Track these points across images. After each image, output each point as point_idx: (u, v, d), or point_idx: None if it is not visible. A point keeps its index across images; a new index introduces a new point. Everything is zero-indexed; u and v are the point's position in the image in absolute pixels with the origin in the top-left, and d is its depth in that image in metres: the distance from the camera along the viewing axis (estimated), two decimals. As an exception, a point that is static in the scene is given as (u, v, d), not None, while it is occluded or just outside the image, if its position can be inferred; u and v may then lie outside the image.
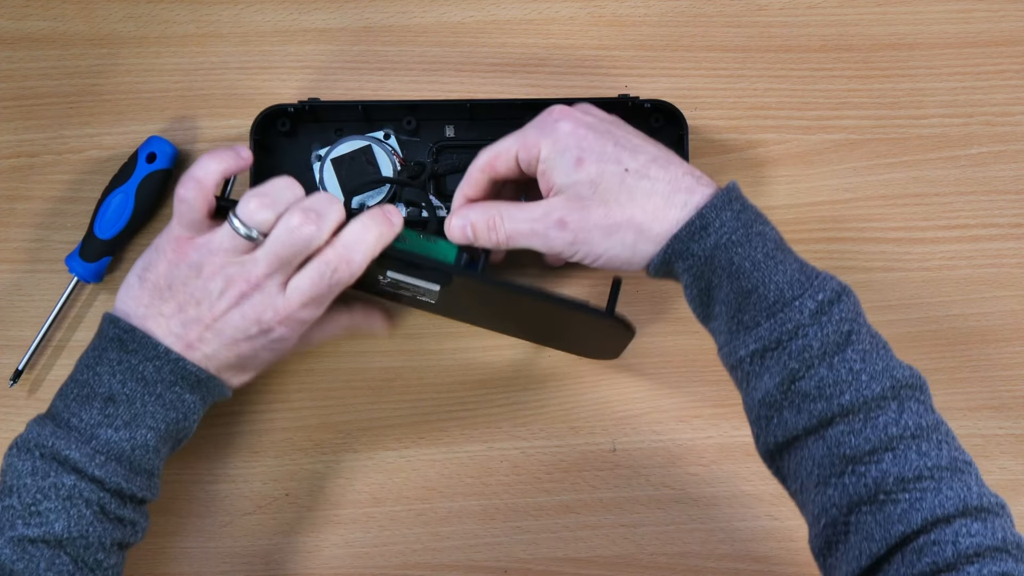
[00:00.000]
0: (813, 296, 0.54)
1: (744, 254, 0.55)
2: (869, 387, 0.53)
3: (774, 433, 0.56)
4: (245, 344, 0.59)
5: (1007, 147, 0.73)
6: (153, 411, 0.58)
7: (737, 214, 0.55)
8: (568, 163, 0.56)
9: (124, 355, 0.58)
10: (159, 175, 0.70)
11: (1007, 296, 0.72)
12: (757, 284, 0.55)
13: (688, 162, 0.68)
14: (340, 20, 0.75)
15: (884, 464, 0.52)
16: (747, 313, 0.55)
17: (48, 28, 0.75)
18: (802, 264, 0.56)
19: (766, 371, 0.55)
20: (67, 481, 0.55)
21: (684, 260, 0.56)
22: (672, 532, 0.70)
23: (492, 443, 0.71)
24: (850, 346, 0.54)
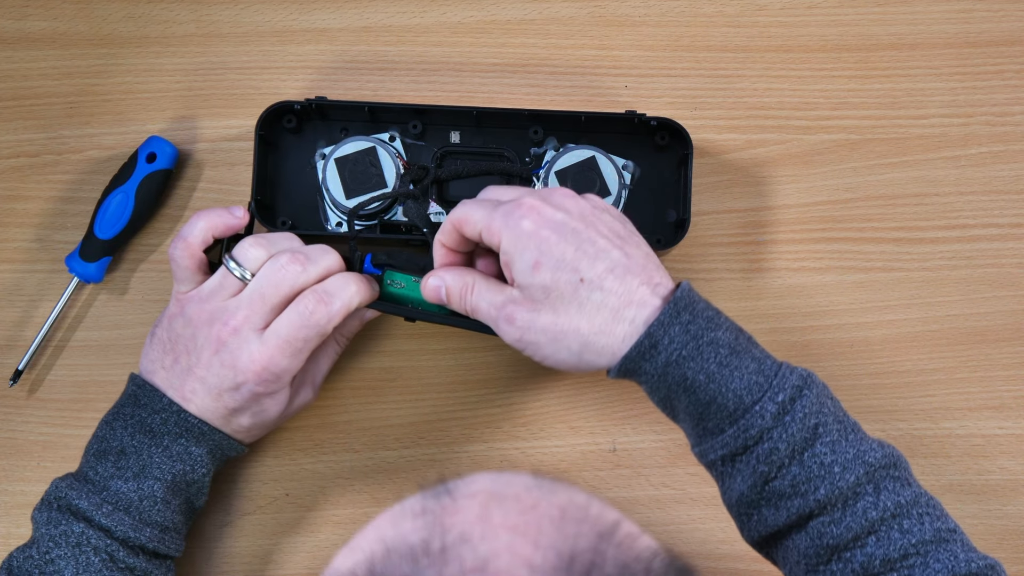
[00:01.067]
0: (772, 398, 0.54)
1: (697, 367, 0.54)
2: (843, 478, 0.54)
3: (756, 529, 0.57)
4: (228, 397, 0.60)
5: (1007, 147, 0.73)
6: (160, 463, 0.59)
7: (686, 326, 0.54)
8: (526, 264, 0.55)
9: (136, 409, 0.60)
10: (159, 175, 0.70)
11: (1007, 296, 0.72)
12: (715, 395, 0.55)
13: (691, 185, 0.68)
14: (340, 20, 0.75)
15: (869, 548, 0.53)
16: (710, 421, 0.56)
17: (48, 28, 0.75)
18: (760, 363, 0.56)
19: (738, 473, 0.56)
20: (76, 529, 0.57)
21: (638, 377, 0.57)
22: (672, 532, 0.70)
23: (492, 443, 0.71)
24: (818, 440, 0.54)
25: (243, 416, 0.62)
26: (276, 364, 0.59)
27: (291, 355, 0.59)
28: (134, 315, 0.72)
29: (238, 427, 0.62)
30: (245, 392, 0.60)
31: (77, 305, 0.72)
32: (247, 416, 0.62)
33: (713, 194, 0.73)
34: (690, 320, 0.55)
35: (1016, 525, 0.70)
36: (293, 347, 0.59)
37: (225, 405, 0.60)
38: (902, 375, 0.71)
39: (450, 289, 0.60)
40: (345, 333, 0.67)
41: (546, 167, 0.68)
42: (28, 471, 0.71)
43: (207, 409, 0.60)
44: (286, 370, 0.60)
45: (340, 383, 0.72)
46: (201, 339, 0.60)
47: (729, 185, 0.73)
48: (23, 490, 0.71)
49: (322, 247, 0.62)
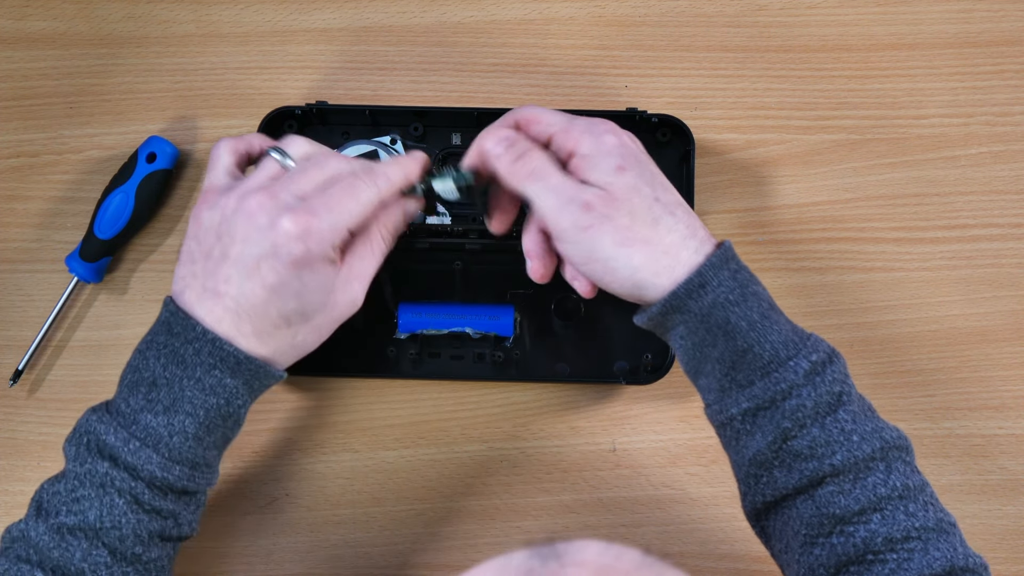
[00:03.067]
0: (807, 357, 0.55)
1: (740, 313, 0.55)
2: (860, 448, 0.54)
3: (763, 492, 0.56)
4: (267, 268, 0.54)
5: (1007, 147, 0.73)
6: (192, 396, 0.55)
7: (734, 274, 0.56)
8: (610, 166, 0.56)
9: (169, 338, 0.56)
10: (159, 175, 0.70)
11: (1007, 296, 0.72)
12: (752, 343, 0.55)
13: (693, 182, 0.69)
14: (340, 20, 0.75)
15: (873, 524, 0.53)
16: (741, 372, 0.56)
17: (48, 28, 0.75)
18: (794, 325, 0.57)
19: (758, 430, 0.56)
20: (101, 468, 0.54)
21: (681, 314, 0.56)
22: (672, 532, 0.70)
23: (492, 443, 0.71)
24: (841, 407, 0.55)
25: (285, 300, 0.55)
26: (318, 222, 0.54)
27: (333, 218, 0.54)
28: (134, 315, 0.72)
29: (279, 320, 0.55)
30: (284, 255, 0.53)
31: (77, 305, 0.72)
32: (290, 300, 0.55)
33: (713, 194, 0.73)
34: (737, 269, 0.56)
35: (1016, 525, 0.70)
36: (337, 210, 0.54)
37: (263, 282, 0.54)
38: (902, 375, 0.71)
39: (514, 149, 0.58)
40: (390, 227, 0.60)
41: None
42: (28, 471, 0.71)
43: (244, 295, 0.54)
44: (327, 233, 0.54)
45: (340, 383, 0.72)
46: (233, 213, 0.54)
47: (729, 185, 0.73)
48: (23, 490, 0.71)
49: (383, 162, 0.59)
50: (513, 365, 0.70)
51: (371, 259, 0.58)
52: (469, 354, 0.71)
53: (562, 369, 0.71)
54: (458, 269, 0.70)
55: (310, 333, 0.57)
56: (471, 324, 0.69)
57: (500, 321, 0.69)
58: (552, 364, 0.71)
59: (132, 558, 0.55)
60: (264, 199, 0.54)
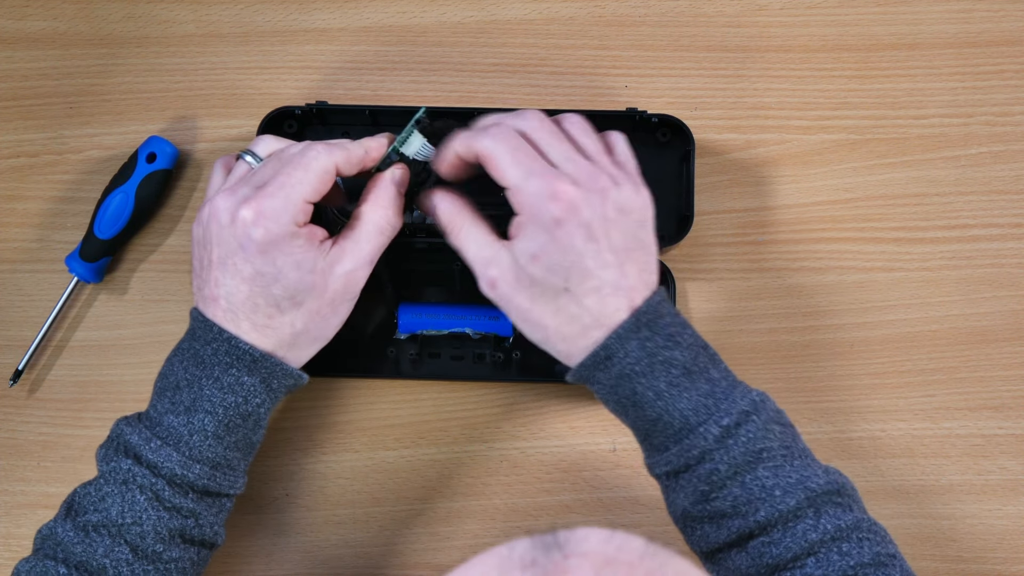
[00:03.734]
0: (718, 422, 0.55)
1: (647, 384, 0.55)
2: (784, 501, 0.54)
3: (698, 544, 0.58)
4: (240, 260, 0.55)
5: (1007, 147, 0.73)
6: (210, 395, 0.56)
7: (643, 343, 0.55)
8: (527, 249, 0.55)
9: (192, 343, 0.58)
10: (159, 175, 0.70)
11: (1007, 296, 0.72)
12: (661, 413, 0.56)
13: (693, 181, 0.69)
14: (340, 20, 0.75)
15: (808, 568, 0.54)
16: (656, 437, 0.57)
17: (48, 28, 0.75)
18: (713, 385, 0.56)
19: (681, 489, 0.57)
20: (124, 466, 0.56)
21: (592, 385, 0.58)
22: (672, 532, 0.70)
23: (492, 443, 0.71)
24: (761, 464, 0.55)
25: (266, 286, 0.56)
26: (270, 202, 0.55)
27: (285, 192, 0.55)
28: (134, 315, 0.72)
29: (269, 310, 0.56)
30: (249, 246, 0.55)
31: (77, 305, 0.72)
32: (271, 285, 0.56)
33: (713, 194, 0.73)
34: (648, 337, 0.55)
35: (1016, 525, 0.70)
36: (288, 184, 0.55)
37: (241, 275, 0.55)
38: (902, 375, 0.71)
39: (442, 215, 0.60)
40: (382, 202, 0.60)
41: None
42: (28, 471, 0.71)
43: (232, 294, 0.56)
44: (283, 210, 0.55)
45: (340, 383, 0.72)
46: (209, 224, 0.56)
47: (729, 185, 0.73)
48: (23, 490, 0.71)
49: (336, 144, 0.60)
50: (513, 365, 0.70)
51: (365, 239, 0.59)
52: (469, 354, 0.71)
53: (562, 369, 0.71)
54: (458, 269, 0.70)
55: (308, 319, 0.58)
56: (471, 324, 0.69)
57: (500, 321, 0.69)
58: (552, 364, 0.71)
59: (153, 556, 0.56)
60: (225, 198, 0.56)
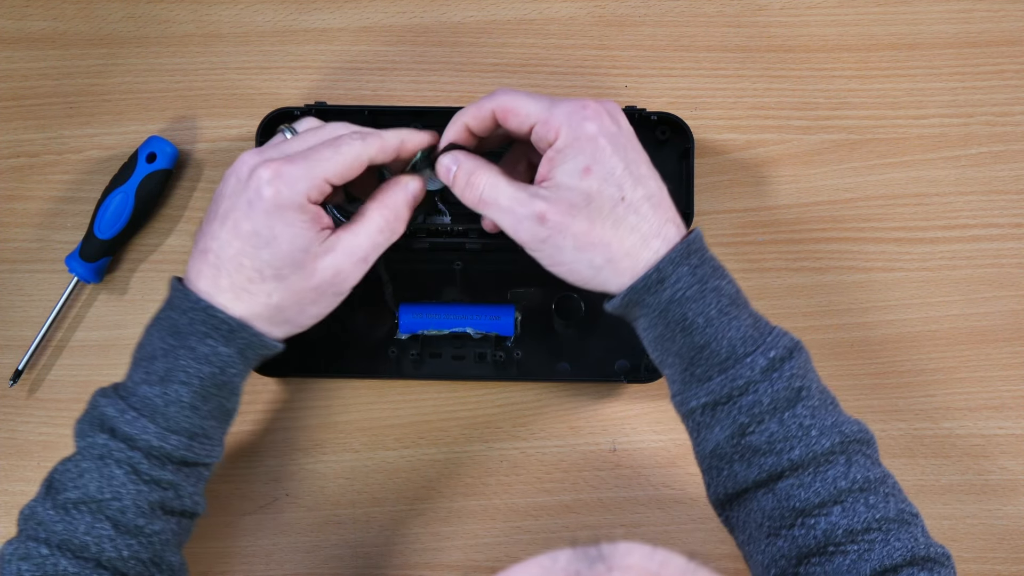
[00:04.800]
0: (765, 353, 0.55)
1: (698, 310, 0.55)
2: (819, 442, 0.54)
3: (724, 484, 0.57)
4: (242, 217, 0.54)
5: (1007, 147, 0.73)
6: (186, 365, 0.55)
7: (694, 269, 0.55)
8: (576, 167, 0.55)
9: (169, 312, 0.57)
10: (159, 175, 0.70)
11: (1007, 296, 0.72)
12: (710, 340, 0.55)
13: (693, 180, 0.69)
14: (340, 20, 0.75)
15: (833, 516, 0.54)
16: (699, 366, 0.56)
17: (48, 28, 0.75)
18: (756, 320, 0.57)
19: (717, 424, 0.56)
20: (100, 441, 0.55)
21: (640, 308, 0.57)
22: (672, 532, 0.70)
23: (492, 443, 0.71)
24: (800, 402, 0.55)
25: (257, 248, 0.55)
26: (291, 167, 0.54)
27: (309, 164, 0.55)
28: (134, 315, 0.72)
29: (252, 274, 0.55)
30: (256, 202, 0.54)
31: (77, 305, 0.72)
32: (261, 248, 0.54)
33: (713, 194, 0.73)
34: (698, 264, 0.56)
35: (1016, 525, 0.70)
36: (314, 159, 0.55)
37: (238, 230, 0.54)
38: (902, 375, 0.71)
39: (459, 173, 0.58)
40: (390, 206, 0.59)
41: None
42: (28, 471, 0.71)
43: (221, 249, 0.55)
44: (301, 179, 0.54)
45: (340, 383, 0.72)
46: (230, 175, 0.56)
47: (729, 185, 0.73)
48: (23, 490, 0.71)
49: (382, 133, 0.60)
50: (514, 365, 0.70)
51: (365, 237, 0.57)
52: (470, 354, 0.71)
53: (563, 368, 0.71)
54: (458, 269, 0.70)
55: (286, 296, 0.56)
56: (472, 324, 0.69)
57: (501, 321, 0.69)
58: (553, 363, 0.71)
59: (135, 530, 0.55)
60: (251, 155, 0.56)
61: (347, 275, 0.57)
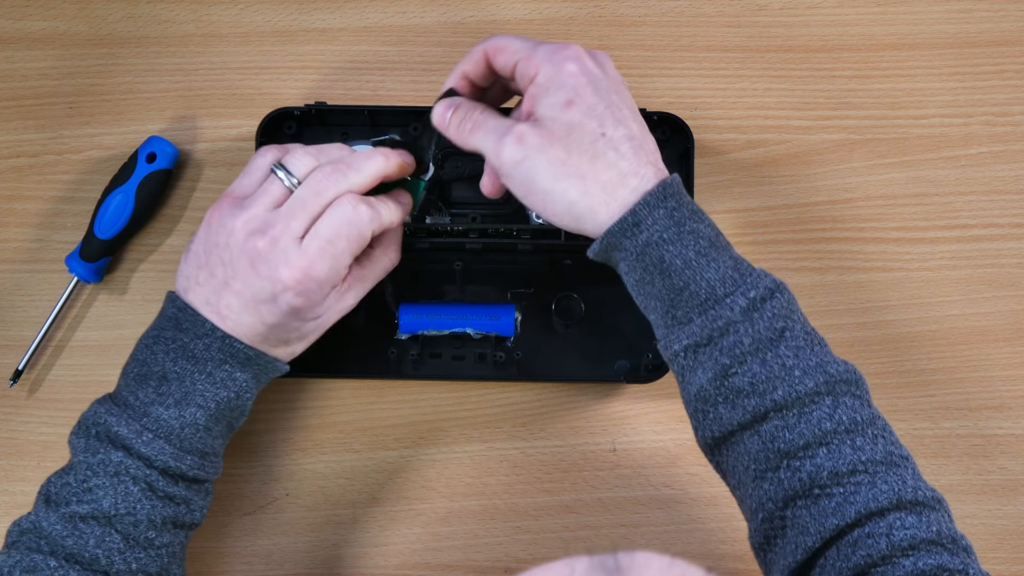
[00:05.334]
0: (744, 293, 0.54)
1: (675, 252, 0.55)
2: (802, 382, 0.54)
3: (710, 427, 0.57)
4: (266, 311, 0.57)
5: (1007, 147, 0.73)
6: (203, 389, 0.57)
7: (671, 212, 0.55)
8: (557, 100, 0.56)
9: (177, 334, 0.58)
10: (159, 175, 0.70)
11: (1007, 296, 0.72)
12: (688, 281, 0.55)
13: (693, 180, 0.69)
14: (340, 20, 0.75)
15: (818, 459, 0.53)
16: (680, 309, 0.56)
17: (48, 28, 0.75)
18: (736, 261, 0.56)
19: (699, 366, 0.56)
20: (115, 458, 0.56)
21: (618, 253, 0.57)
22: (672, 532, 0.70)
23: (492, 443, 0.71)
24: (783, 342, 0.54)
25: (281, 331, 0.59)
26: (316, 270, 0.57)
27: (331, 259, 0.57)
28: (134, 315, 0.72)
29: (276, 343, 0.60)
30: (283, 305, 0.57)
31: (77, 305, 0.72)
32: (285, 331, 0.59)
33: (713, 194, 0.73)
34: (675, 207, 0.56)
35: (1016, 525, 0.70)
36: (334, 249, 0.57)
37: (262, 320, 0.57)
38: (902, 375, 0.71)
39: (457, 112, 0.59)
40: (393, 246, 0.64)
41: None
42: (28, 471, 0.71)
43: (243, 325, 0.57)
44: (327, 278, 0.57)
45: (340, 383, 0.72)
46: (238, 250, 0.57)
47: (729, 185, 0.73)
48: (23, 490, 0.71)
49: (369, 151, 0.61)
50: (514, 365, 0.70)
51: (371, 279, 0.63)
52: (470, 354, 0.71)
53: (563, 369, 0.71)
54: (458, 269, 0.70)
55: (301, 345, 0.62)
56: (472, 324, 0.69)
57: (501, 321, 0.69)
58: (553, 364, 0.71)
59: (145, 543, 0.56)
60: (267, 246, 0.57)
61: (353, 306, 0.62)
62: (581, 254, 0.70)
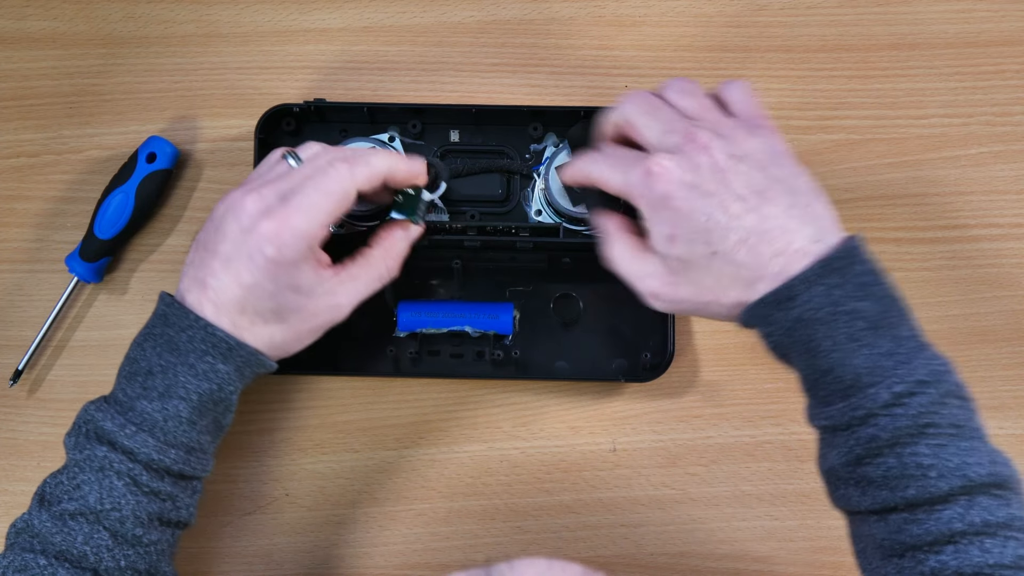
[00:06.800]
0: (890, 387, 0.52)
1: (825, 333, 0.53)
2: (936, 485, 0.52)
3: (839, 502, 0.56)
4: (244, 268, 0.56)
5: (1007, 147, 0.73)
6: (185, 381, 0.57)
7: (830, 289, 0.53)
8: (662, 235, 0.56)
9: (165, 328, 0.58)
10: (159, 175, 0.71)
11: (1007, 296, 0.72)
12: (834, 365, 0.53)
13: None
14: (340, 20, 0.75)
15: (944, 556, 0.51)
16: (822, 389, 0.54)
17: (48, 28, 0.75)
18: (897, 344, 0.53)
19: (835, 447, 0.55)
20: (100, 453, 0.56)
21: (765, 326, 0.55)
22: (672, 532, 0.70)
23: (492, 443, 0.71)
24: (924, 439, 0.52)
25: (259, 299, 0.57)
26: (292, 220, 0.56)
27: (307, 211, 0.56)
28: (134, 315, 0.72)
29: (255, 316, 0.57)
30: (259, 259, 0.56)
31: (77, 305, 0.72)
32: (264, 299, 0.57)
33: (713, 194, 0.73)
34: (837, 284, 0.53)
35: (1016, 525, 0.70)
36: (309, 201, 0.56)
37: (240, 280, 0.56)
38: (902, 375, 0.71)
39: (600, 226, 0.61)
40: (392, 252, 0.62)
41: (546, 163, 0.68)
42: (28, 471, 0.71)
43: (223, 291, 0.56)
44: (302, 230, 0.56)
45: (340, 383, 0.72)
46: (229, 215, 0.57)
47: (729, 185, 0.73)
48: (23, 490, 0.71)
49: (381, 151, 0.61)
50: (512, 363, 0.70)
51: (365, 283, 0.61)
52: (469, 352, 0.71)
53: (561, 367, 0.71)
54: (457, 267, 0.70)
55: (288, 336, 0.59)
56: (470, 322, 0.69)
57: (499, 319, 0.69)
58: (551, 362, 0.71)
59: (133, 540, 0.56)
60: (253, 200, 0.56)
61: (345, 312, 0.61)
62: (580, 252, 0.71)
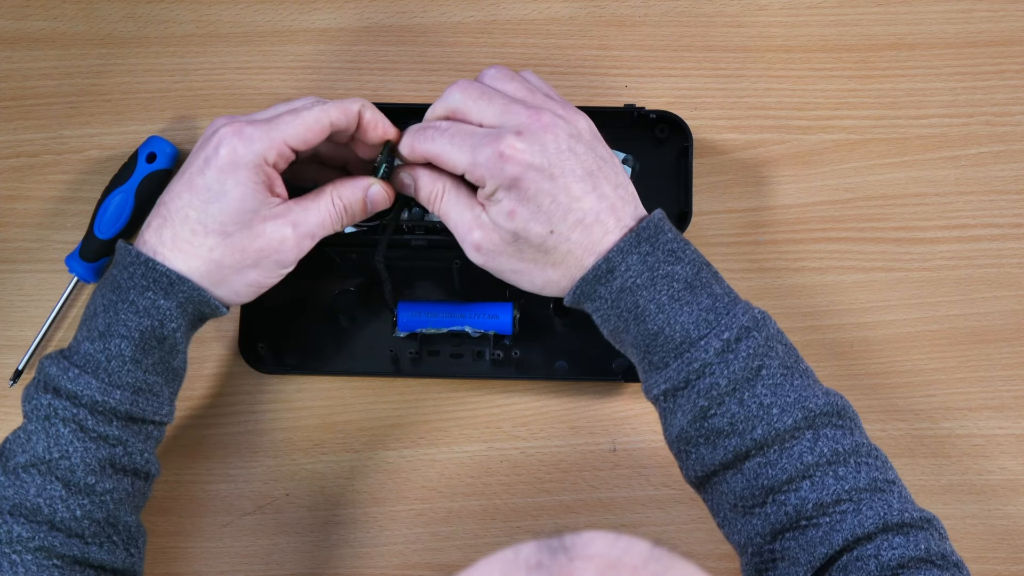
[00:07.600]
0: (718, 335, 0.55)
1: (649, 297, 0.56)
2: (780, 420, 0.54)
3: (693, 468, 0.58)
4: (196, 172, 0.56)
5: (1007, 147, 0.73)
6: (125, 319, 0.56)
7: (644, 257, 0.56)
8: (502, 210, 0.57)
9: (113, 270, 0.58)
10: (159, 175, 0.71)
11: (1007, 296, 0.72)
12: (663, 326, 0.56)
13: (691, 178, 0.69)
14: (340, 20, 0.75)
15: (802, 491, 0.54)
16: (656, 354, 0.57)
17: (48, 28, 0.75)
18: (716, 299, 0.56)
19: (678, 409, 0.57)
20: (44, 401, 0.55)
21: (592, 302, 0.58)
22: (672, 532, 0.70)
23: (492, 443, 0.71)
24: (760, 380, 0.55)
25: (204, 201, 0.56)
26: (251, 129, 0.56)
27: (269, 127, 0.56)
28: (134, 315, 0.72)
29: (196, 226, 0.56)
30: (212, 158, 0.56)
31: (77, 305, 0.72)
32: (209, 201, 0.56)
33: (713, 194, 0.73)
34: (649, 251, 0.56)
35: (1016, 525, 0.70)
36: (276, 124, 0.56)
37: (190, 183, 0.56)
38: (902, 375, 0.71)
39: (420, 189, 0.60)
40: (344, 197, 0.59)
41: None
42: (28, 471, 0.71)
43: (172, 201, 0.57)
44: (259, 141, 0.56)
45: (340, 383, 0.72)
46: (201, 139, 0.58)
47: (729, 185, 0.73)
48: (23, 490, 0.71)
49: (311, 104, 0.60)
50: (512, 363, 0.70)
51: (315, 214, 0.58)
52: (468, 352, 0.71)
53: (561, 367, 0.71)
54: (457, 267, 0.70)
55: (227, 254, 0.57)
56: (470, 323, 0.69)
57: (499, 319, 0.69)
58: (551, 362, 0.71)
59: (86, 488, 0.55)
60: (222, 119, 0.58)
61: (291, 246, 0.58)
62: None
